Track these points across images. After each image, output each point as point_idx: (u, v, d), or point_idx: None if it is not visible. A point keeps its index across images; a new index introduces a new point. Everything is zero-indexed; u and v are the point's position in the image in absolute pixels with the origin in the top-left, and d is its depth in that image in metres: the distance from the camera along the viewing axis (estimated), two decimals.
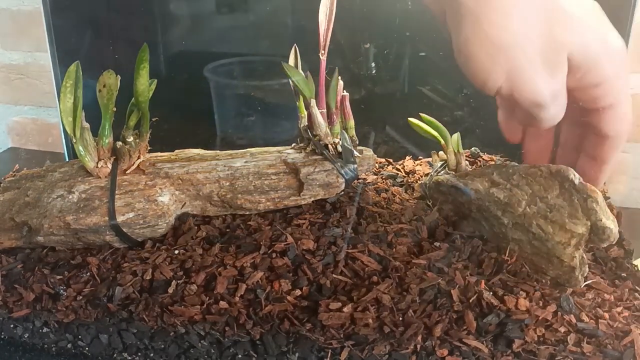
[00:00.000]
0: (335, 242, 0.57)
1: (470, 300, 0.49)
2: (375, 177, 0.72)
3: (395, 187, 0.70)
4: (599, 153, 0.52)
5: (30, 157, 1.09)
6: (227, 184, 0.61)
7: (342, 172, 0.62)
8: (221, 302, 0.51)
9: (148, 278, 0.54)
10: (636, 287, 0.53)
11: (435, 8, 0.48)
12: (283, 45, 0.72)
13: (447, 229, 0.60)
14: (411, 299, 0.50)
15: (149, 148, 0.64)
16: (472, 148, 0.78)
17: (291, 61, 0.67)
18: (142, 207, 0.58)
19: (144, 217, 0.58)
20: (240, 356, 0.53)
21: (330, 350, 0.50)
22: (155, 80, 0.61)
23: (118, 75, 0.57)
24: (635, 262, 0.58)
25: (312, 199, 0.62)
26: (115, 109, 0.59)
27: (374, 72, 0.84)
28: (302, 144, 0.66)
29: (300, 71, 0.63)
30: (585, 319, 0.48)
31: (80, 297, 0.53)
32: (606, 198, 0.67)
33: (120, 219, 0.57)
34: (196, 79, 0.92)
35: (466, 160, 0.68)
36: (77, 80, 0.57)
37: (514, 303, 0.49)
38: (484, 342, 0.48)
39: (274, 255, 0.56)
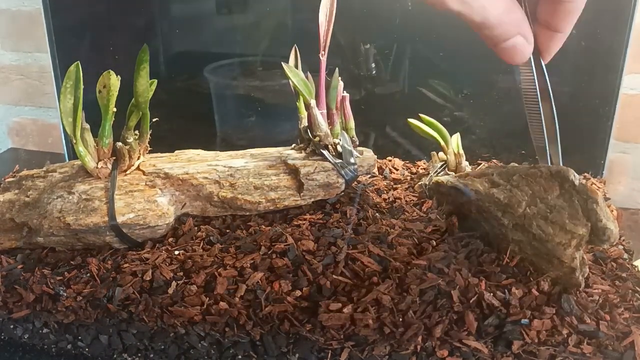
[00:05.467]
0: (335, 243, 0.57)
1: (471, 301, 0.49)
2: (376, 177, 0.72)
3: (397, 188, 0.70)
4: (552, 20, 0.47)
5: (30, 158, 1.09)
6: (227, 184, 0.61)
7: (342, 172, 0.62)
8: (221, 303, 0.51)
9: (148, 279, 0.54)
10: (636, 287, 0.53)
11: None
12: (283, 45, 0.72)
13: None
14: (411, 299, 0.50)
15: (149, 149, 0.64)
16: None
17: (291, 62, 0.67)
18: (142, 207, 0.58)
19: (144, 217, 0.58)
20: (240, 357, 0.53)
21: (330, 351, 0.50)
22: (155, 81, 0.61)
23: (118, 76, 0.57)
24: (635, 263, 0.58)
25: (312, 200, 0.62)
26: (115, 110, 0.59)
27: (374, 72, 0.84)
28: (302, 145, 0.66)
29: (300, 72, 0.63)
30: (586, 319, 0.48)
31: (80, 298, 0.53)
32: (606, 199, 0.67)
33: (120, 219, 0.57)
34: (196, 79, 0.92)
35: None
36: (77, 81, 0.57)
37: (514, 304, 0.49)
38: (485, 343, 0.48)
39: (274, 255, 0.56)
